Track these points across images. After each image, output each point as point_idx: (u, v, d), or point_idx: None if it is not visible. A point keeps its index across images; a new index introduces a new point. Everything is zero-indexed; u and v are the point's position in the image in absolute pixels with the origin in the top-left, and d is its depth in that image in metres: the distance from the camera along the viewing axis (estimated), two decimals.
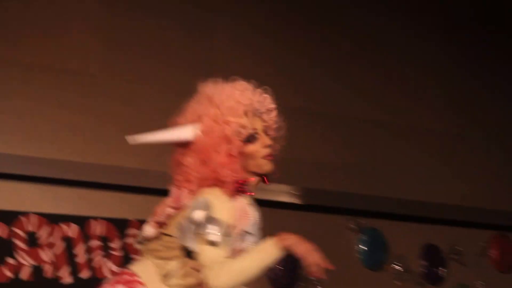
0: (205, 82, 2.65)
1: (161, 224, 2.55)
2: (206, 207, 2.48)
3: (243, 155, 2.57)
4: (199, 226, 2.45)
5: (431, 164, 5.81)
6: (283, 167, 5.73)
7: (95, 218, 4.50)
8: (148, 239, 2.57)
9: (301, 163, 5.43)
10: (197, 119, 2.57)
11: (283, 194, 5.32)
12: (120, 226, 4.58)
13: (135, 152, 4.37)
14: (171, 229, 2.53)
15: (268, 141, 2.62)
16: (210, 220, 2.46)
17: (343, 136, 5.54)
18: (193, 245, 2.45)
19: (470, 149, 6.00)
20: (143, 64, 4.82)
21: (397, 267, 5.58)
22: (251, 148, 2.58)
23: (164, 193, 2.67)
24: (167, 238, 2.52)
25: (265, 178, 2.69)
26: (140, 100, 4.76)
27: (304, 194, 5.39)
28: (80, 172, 4.49)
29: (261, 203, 5.53)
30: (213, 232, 2.44)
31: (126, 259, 4.39)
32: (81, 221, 4.46)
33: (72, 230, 4.43)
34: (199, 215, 2.47)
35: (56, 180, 4.43)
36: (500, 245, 5.96)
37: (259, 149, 2.60)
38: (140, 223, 3.06)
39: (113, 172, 4.56)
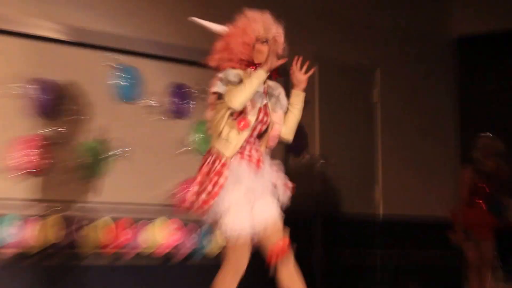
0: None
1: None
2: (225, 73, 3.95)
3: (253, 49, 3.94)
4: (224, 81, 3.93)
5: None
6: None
7: None
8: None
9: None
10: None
11: (47, 29, 5.57)
12: None
13: None
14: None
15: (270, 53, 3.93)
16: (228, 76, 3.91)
17: None
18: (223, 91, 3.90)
19: None
20: None
21: (150, 102, 6.04)
22: (260, 47, 3.92)
23: None
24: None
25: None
26: None
27: (67, 31, 5.66)
28: None
29: (25, 36, 5.47)
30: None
31: None
32: None
33: None
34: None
35: None
36: None
37: (265, 51, 3.92)
38: None
39: None
